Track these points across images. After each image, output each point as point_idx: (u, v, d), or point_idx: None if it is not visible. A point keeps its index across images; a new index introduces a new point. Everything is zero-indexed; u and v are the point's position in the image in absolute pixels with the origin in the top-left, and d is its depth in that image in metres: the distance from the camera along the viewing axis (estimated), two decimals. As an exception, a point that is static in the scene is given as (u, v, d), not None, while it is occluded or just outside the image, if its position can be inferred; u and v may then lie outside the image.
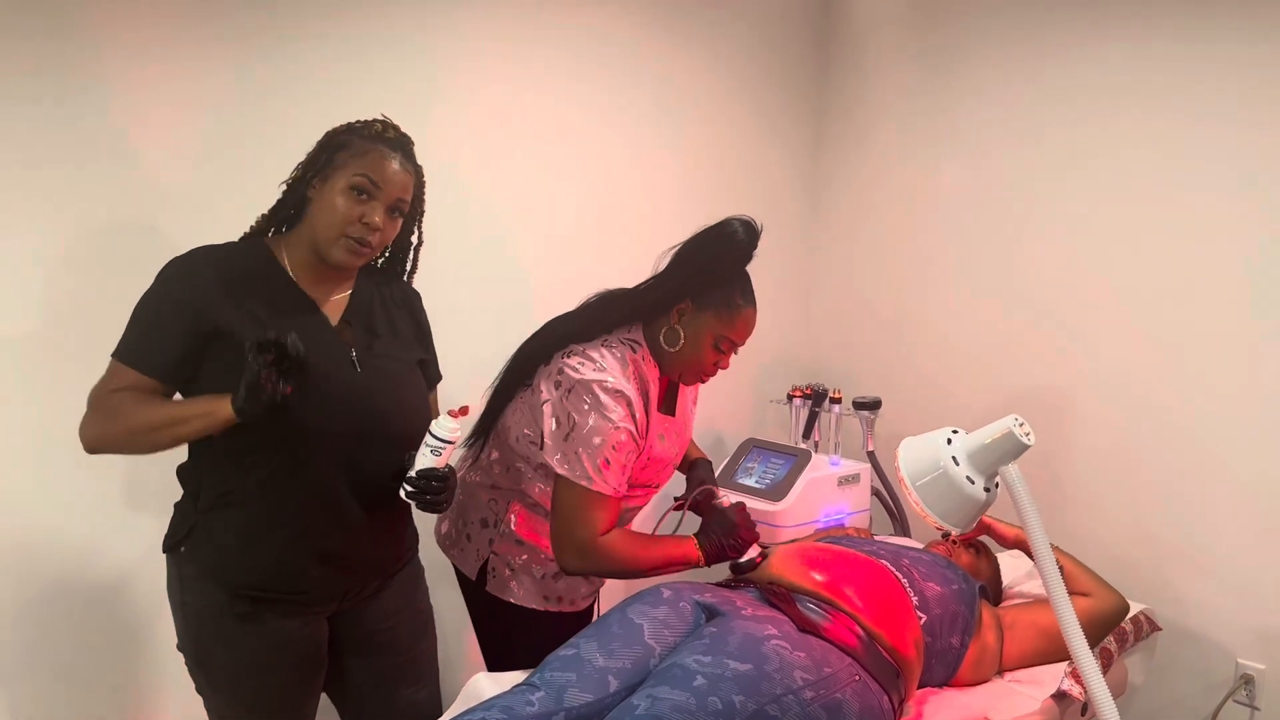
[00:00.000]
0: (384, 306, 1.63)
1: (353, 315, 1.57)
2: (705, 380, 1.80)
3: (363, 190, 1.47)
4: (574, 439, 1.63)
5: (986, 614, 1.82)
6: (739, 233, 1.66)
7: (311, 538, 1.52)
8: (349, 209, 1.47)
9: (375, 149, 1.49)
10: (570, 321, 1.76)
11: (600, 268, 2.53)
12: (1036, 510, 1.40)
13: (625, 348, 1.70)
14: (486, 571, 1.79)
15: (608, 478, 1.64)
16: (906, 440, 1.55)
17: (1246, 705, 2.38)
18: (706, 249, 1.68)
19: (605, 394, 1.63)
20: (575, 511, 1.65)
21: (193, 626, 1.54)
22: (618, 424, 1.63)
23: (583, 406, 1.63)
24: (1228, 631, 2.40)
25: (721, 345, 1.72)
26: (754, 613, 1.55)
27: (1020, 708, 1.68)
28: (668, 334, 1.71)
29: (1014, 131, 2.73)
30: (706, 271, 1.69)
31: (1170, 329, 2.45)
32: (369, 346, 1.56)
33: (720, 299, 1.69)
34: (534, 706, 1.36)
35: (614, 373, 1.65)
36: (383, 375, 1.56)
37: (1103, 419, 2.59)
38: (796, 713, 1.37)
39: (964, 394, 2.86)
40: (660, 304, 1.71)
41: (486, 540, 1.79)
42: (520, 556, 1.79)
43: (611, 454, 1.63)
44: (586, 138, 2.57)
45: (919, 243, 2.98)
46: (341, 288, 1.58)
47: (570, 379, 1.65)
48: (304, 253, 1.53)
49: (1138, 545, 2.53)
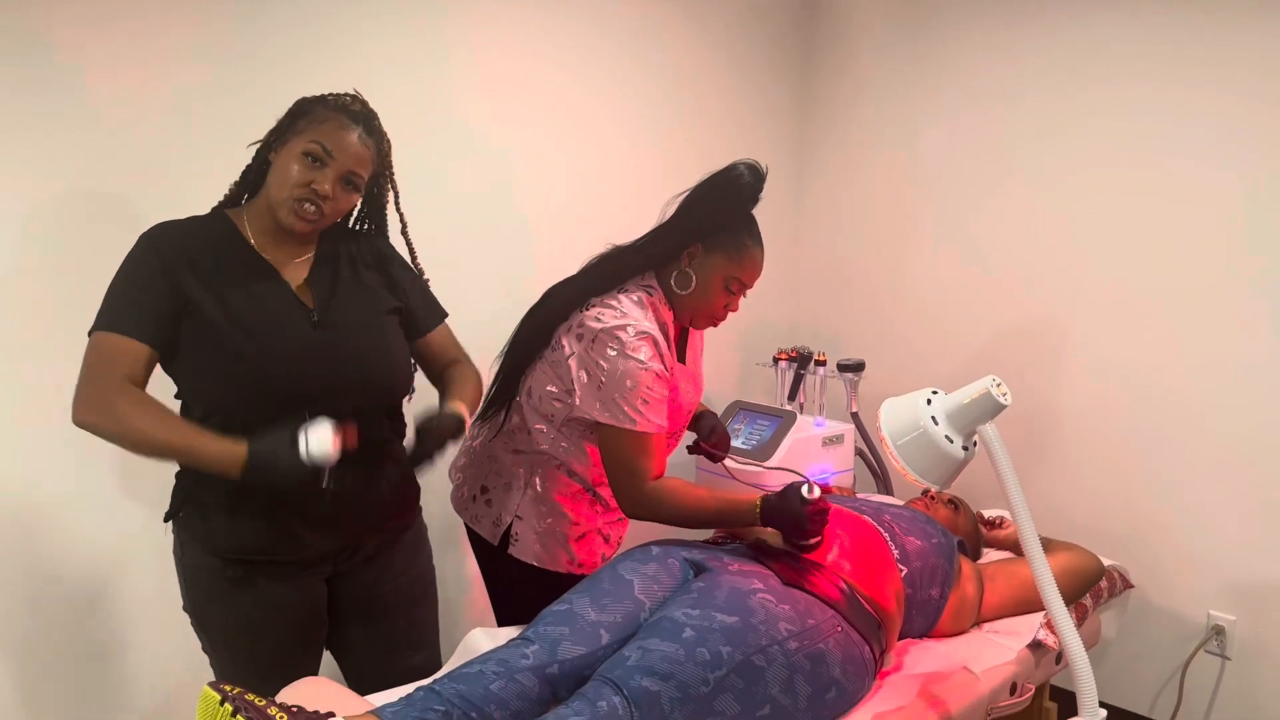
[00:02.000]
0: (350, 265, 1.63)
1: (314, 277, 1.58)
2: (716, 324, 1.83)
3: (315, 158, 1.47)
4: (607, 386, 1.65)
5: (965, 567, 1.88)
6: (745, 175, 1.69)
7: (291, 500, 1.53)
8: (300, 174, 1.47)
9: (335, 118, 1.50)
10: (583, 279, 1.77)
11: (590, 226, 2.56)
12: (1013, 468, 1.46)
13: (641, 292, 1.73)
14: (510, 536, 1.80)
15: (650, 416, 1.66)
16: (888, 401, 1.59)
17: (1218, 655, 2.46)
18: (715, 193, 1.71)
19: (630, 337, 1.65)
20: (625, 456, 1.68)
21: (192, 588, 1.59)
22: (646, 363, 1.65)
23: (609, 353, 1.65)
24: (1199, 584, 2.47)
25: (732, 286, 1.76)
26: (740, 568, 1.60)
27: (998, 657, 1.75)
28: (679, 277, 1.74)
29: (996, 98, 2.75)
30: (715, 214, 1.72)
31: (1148, 293, 2.49)
32: (328, 305, 1.57)
33: (730, 241, 1.72)
34: (529, 659, 1.41)
35: (634, 316, 1.68)
36: (344, 329, 1.56)
37: (1080, 380, 2.64)
38: (781, 663, 1.43)
39: (946, 356, 2.90)
40: (671, 249, 1.74)
41: (511, 505, 1.81)
42: (545, 520, 1.80)
43: (647, 393, 1.65)
44: (575, 102, 2.58)
45: (903, 207, 3.00)
46: (304, 251, 1.59)
47: (592, 329, 1.67)
48: (265, 219, 1.55)
49: (1112, 502, 2.59)
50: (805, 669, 1.45)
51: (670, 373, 1.73)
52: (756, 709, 1.42)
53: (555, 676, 1.42)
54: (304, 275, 1.58)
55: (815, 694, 1.46)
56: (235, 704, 1.20)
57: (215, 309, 1.47)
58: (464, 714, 1.34)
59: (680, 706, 1.36)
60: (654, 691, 1.34)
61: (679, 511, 1.70)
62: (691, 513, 1.71)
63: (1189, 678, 2.48)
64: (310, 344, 1.53)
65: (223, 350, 1.47)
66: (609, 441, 1.69)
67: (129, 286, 1.47)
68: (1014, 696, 1.73)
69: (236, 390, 1.48)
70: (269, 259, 1.55)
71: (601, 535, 1.87)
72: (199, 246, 1.50)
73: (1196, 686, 2.49)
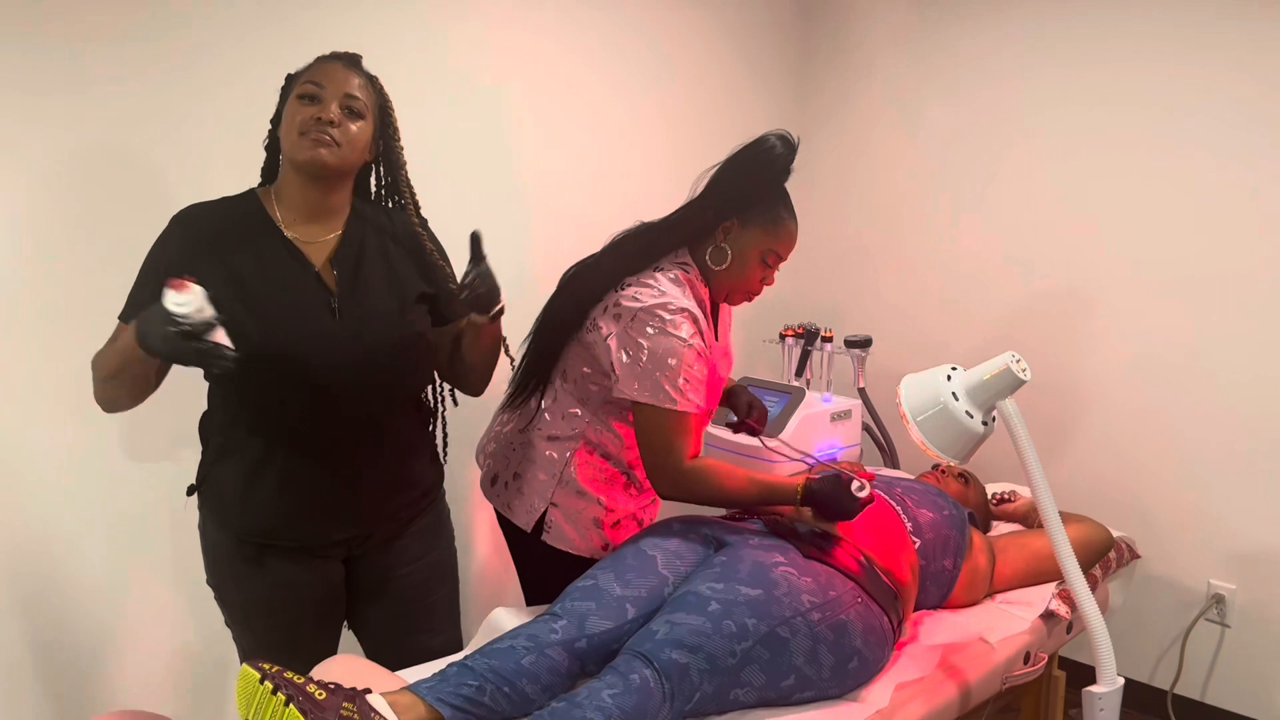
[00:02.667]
0: (379, 244, 1.60)
1: (340, 259, 1.55)
2: (752, 299, 1.82)
3: (312, 97, 1.48)
4: (647, 365, 1.63)
5: (977, 538, 1.91)
6: (777, 147, 1.68)
7: (304, 487, 1.53)
8: (303, 114, 1.47)
9: (318, 65, 1.52)
10: (614, 258, 1.75)
11: (586, 201, 2.55)
12: (1031, 443, 1.48)
13: (677, 269, 1.71)
14: (544, 523, 1.77)
15: (690, 395, 1.64)
16: (907, 377, 1.61)
17: (1218, 623, 2.51)
18: (748, 166, 1.70)
19: (670, 314, 1.63)
20: (664, 436, 1.65)
21: (213, 563, 1.61)
22: (688, 340, 1.63)
23: (649, 331, 1.63)
24: (1200, 554, 2.52)
25: (768, 259, 1.75)
26: (761, 542, 1.62)
27: (1012, 627, 1.78)
28: (714, 253, 1.73)
29: (1004, 68, 2.76)
30: (750, 188, 1.71)
31: (1157, 266, 2.52)
32: (352, 291, 1.54)
33: (766, 214, 1.72)
34: (558, 634, 1.44)
35: (673, 294, 1.66)
36: (364, 321, 1.53)
37: (1083, 355, 2.67)
38: (805, 634, 1.46)
39: (950, 331, 2.92)
40: (706, 225, 1.73)
41: (546, 492, 1.77)
42: (579, 506, 1.77)
43: (688, 371, 1.63)
44: (570, 76, 2.58)
45: (909, 182, 3.01)
46: (331, 228, 1.56)
47: (631, 309, 1.65)
48: (288, 195, 1.54)
49: (1114, 474, 2.63)
50: (828, 639, 1.48)
51: (710, 350, 1.72)
52: (782, 679, 1.45)
53: (583, 651, 1.44)
54: (328, 253, 1.55)
55: (838, 664, 1.49)
56: (275, 682, 1.21)
57: (233, 297, 1.46)
58: (496, 688, 1.36)
59: (709, 678, 1.39)
60: (683, 664, 1.37)
61: (718, 492, 1.68)
62: (730, 493, 1.69)
63: (1189, 645, 2.54)
64: (326, 336, 1.50)
65: (239, 340, 1.44)
66: (647, 421, 1.66)
67: (144, 276, 1.49)
68: (1028, 665, 1.77)
69: (255, 379, 1.47)
70: (293, 236, 1.53)
71: (636, 520, 1.85)
72: (225, 227, 1.50)
73: (1197, 654, 2.55)
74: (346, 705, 1.23)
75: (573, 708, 1.29)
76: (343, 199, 1.58)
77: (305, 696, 1.22)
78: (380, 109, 1.57)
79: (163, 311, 1.27)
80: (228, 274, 1.48)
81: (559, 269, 1.84)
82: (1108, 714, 1.54)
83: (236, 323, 1.42)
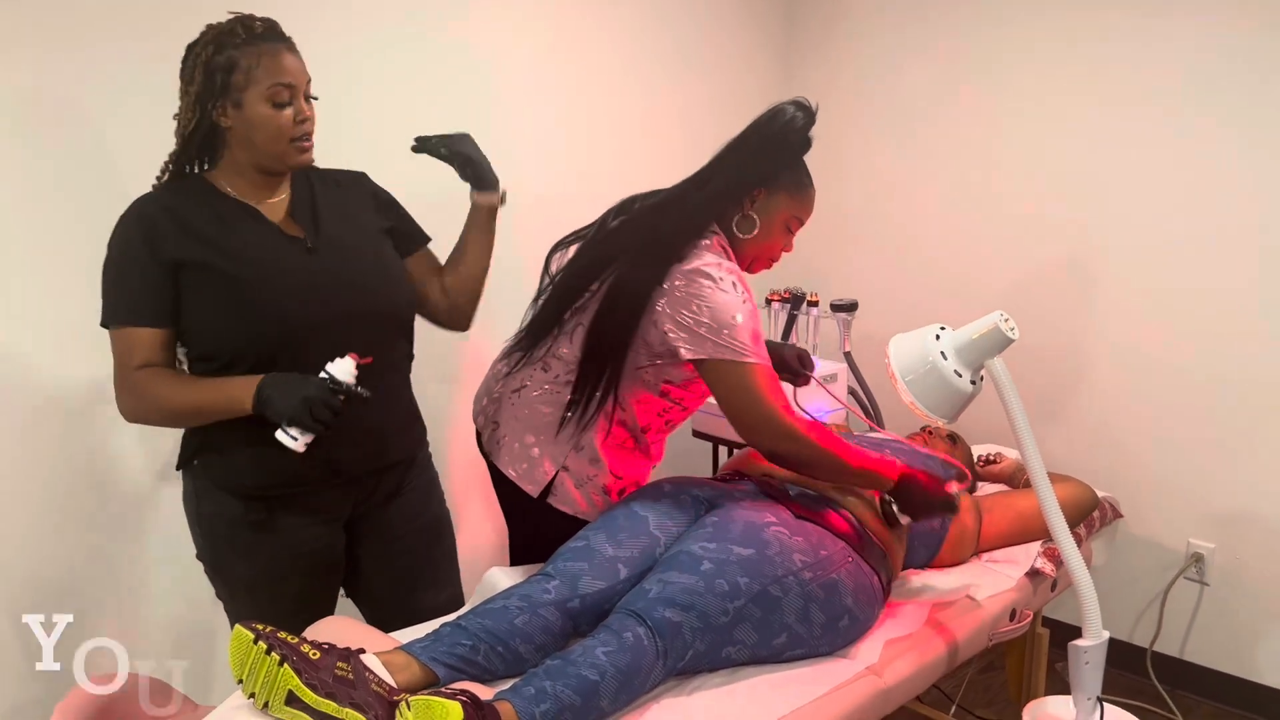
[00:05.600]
0: (327, 192, 1.63)
1: (296, 210, 1.58)
2: (771, 265, 1.82)
3: (282, 102, 1.47)
4: (713, 324, 1.57)
5: (964, 499, 1.92)
6: (799, 117, 1.69)
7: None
8: (283, 119, 1.47)
9: (265, 53, 1.45)
10: (658, 249, 1.66)
11: (570, 172, 2.51)
12: (1020, 401, 1.49)
13: (712, 237, 1.68)
14: (553, 486, 1.73)
15: (760, 350, 1.60)
16: (896, 337, 1.62)
17: (1197, 581, 2.55)
18: (773, 136, 1.70)
19: (722, 272, 1.61)
20: (754, 392, 1.58)
21: (209, 537, 1.59)
22: (742, 297, 1.61)
23: (705, 291, 1.58)
24: (1179, 513, 2.55)
25: (792, 226, 1.77)
26: (753, 503, 1.63)
27: (998, 585, 1.81)
28: (741, 222, 1.72)
29: (987, 36, 2.75)
30: (776, 156, 1.71)
31: (1147, 233, 2.52)
32: (318, 230, 1.57)
33: (791, 181, 1.73)
34: (551, 594, 1.44)
35: (717, 257, 1.64)
36: (339, 251, 1.57)
37: (1065, 315, 2.69)
38: (797, 592, 1.47)
39: (937, 295, 2.93)
40: (733, 195, 1.71)
41: (559, 455, 1.72)
42: (589, 472, 1.73)
43: (754, 324, 1.60)
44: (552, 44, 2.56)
45: (894, 148, 3.01)
46: (279, 191, 1.58)
47: (679, 273, 1.61)
48: (244, 174, 1.53)
49: (1094, 433, 2.66)
50: (819, 598, 1.49)
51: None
52: (774, 637, 1.46)
53: (576, 610, 1.45)
54: (283, 212, 1.57)
55: (829, 622, 1.51)
56: (269, 642, 1.21)
57: (208, 255, 1.47)
58: (490, 648, 1.37)
59: (702, 636, 1.40)
60: (676, 622, 1.38)
61: (825, 455, 1.60)
62: (836, 459, 1.61)
63: (1169, 603, 2.58)
64: (309, 271, 1.53)
65: (224, 291, 1.47)
66: (731, 380, 1.58)
67: (118, 275, 1.48)
68: (1013, 622, 1.80)
69: (244, 328, 1.47)
70: (253, 204, 1.55)
71: (635, 486, 1.81)
72: (183, 206, 1.49)
73: (1176, 612, 2.59)
74: (341, 665, 1.23)
75: (567, 664, 1.29)
76: None
77: (300, 656, 1.22)
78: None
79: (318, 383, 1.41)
80: (199, 239, 1.48)
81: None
82: (1092, 667, 1.57)
83: (222, 274, 1.46)
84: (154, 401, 1.48)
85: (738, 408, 1.60)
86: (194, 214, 1.49)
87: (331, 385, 1.43)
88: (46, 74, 1.75)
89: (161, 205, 1.49)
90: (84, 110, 1.79)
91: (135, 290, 1.47)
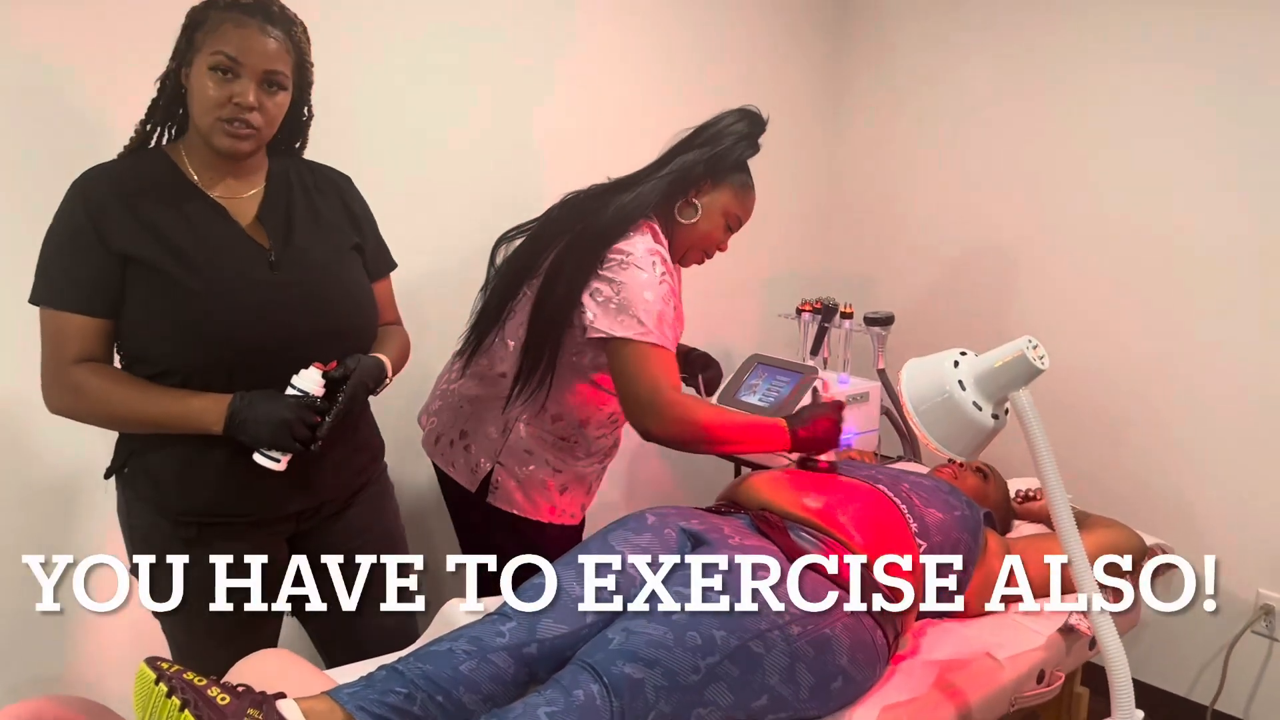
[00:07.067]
0: (305, 195, 1.51)
1: (266, 211, 1.46)
2: (703, 261, 1.87)
3: (225, 69, 1.33)
4: (620, 301, 1.63)
5: (993, 541, 1.73)
6: (740, 124, 1.78)
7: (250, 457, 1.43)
8: (216, 92, 1.34)
9: (227, 20, 1.34)
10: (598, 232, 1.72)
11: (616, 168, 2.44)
12: (1047, 440, 1.29)
13: (646, 222, 1.74)
14: (490, 483, 1.76)
15: (664, 330, 1.64)
16: (911, 361, 1.43)
17: (1266, 636, 2.32)
18: (725, 131, 1.77)
19: (640, 252, 1.66)
20: (647, 372, 1.62)
21: (141, 551, 1.48)
22: (659, 278, 1.66)
23: (622, 270, 1.64)
24: (1249, 562, 2.33)
25: (731, 223, 1.82)
26: (742, 541, 1.46)
27: (1025, 642, 1.60)
28: (683, 208, 1.78)
29: (1041, 41, 2.57)
30: (727, 153, 1.77)
31: (1218, 251, 2.32)
32: (287, 241, 1.45)
33: (737, 179, 1.80)
34: (504, 637, 1.29)
35: (645, 239, 1.70)
36: (305, 268, 1.45)
37: (1127, 342, 2.48)
38: (782, 649, 1.30)
39: (983, 312, 2.75)
40: (679, 185, 1.77)
41: (492, 450, 1.77)
42: (527, 467, 1.77)
43: (662, 305, 1.64)
44: (599, 42, 2.47)
45: (942, 151, 2.83)
46: (252, 184, 1.47)
47: (610, 251, 1.68)
48: (203, 151, 1.42)
49: (1157, 473, 2.45)
50: (809, 656, 1.32)
51: (677, 297, 1.73)
52: (753, 699, 1.29)
53: (533, 657, 1.30)
54: (254, 211, 1.46)
55: (819, 684, 1.33)
56: (170, 685, 1.09)
57: (160, 256, 1.35)
58: (428, 696, 1.22)
59: (667, 696, 1.23)
60: (637, 679, 1.21)
61: (709, 422, 1.64)
62: (722, 426, 1.66)
63: (1234, 659, 2.35)
64: (269, 288, 1.41)
65: (171, 301, 1.36)
66: (628, 358, 1.62)
67: (60, 253, 1.36)
68: (1041, 685, 1.59)
69: (190, 345, 1.37)
70: (215, 196, 1.43)
71: (583, 484, 1.84)
72: (135, 189, 1.38)
73: (1241, 668, 2.36)
74: (252, 711, 1.11)
75: (503, 727, 1.14)
76: (260, 156, 1.48)
77: (204, 701, 1.09)
78: (298, 66, 1.43)
79: (293, 403, 1.35)
80: (153, 234, 1.36)
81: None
82: (1127, 750, 1.36)
83: (174, 282, 1.35)
84: (98, 405, 1.38)
85: (627, 386, 1.64)
86: (152, 203, 1.38)
87: (306, 402, 1.37)
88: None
89: (116, 189, 1.37)
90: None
91: (78, 273, 1.35)
